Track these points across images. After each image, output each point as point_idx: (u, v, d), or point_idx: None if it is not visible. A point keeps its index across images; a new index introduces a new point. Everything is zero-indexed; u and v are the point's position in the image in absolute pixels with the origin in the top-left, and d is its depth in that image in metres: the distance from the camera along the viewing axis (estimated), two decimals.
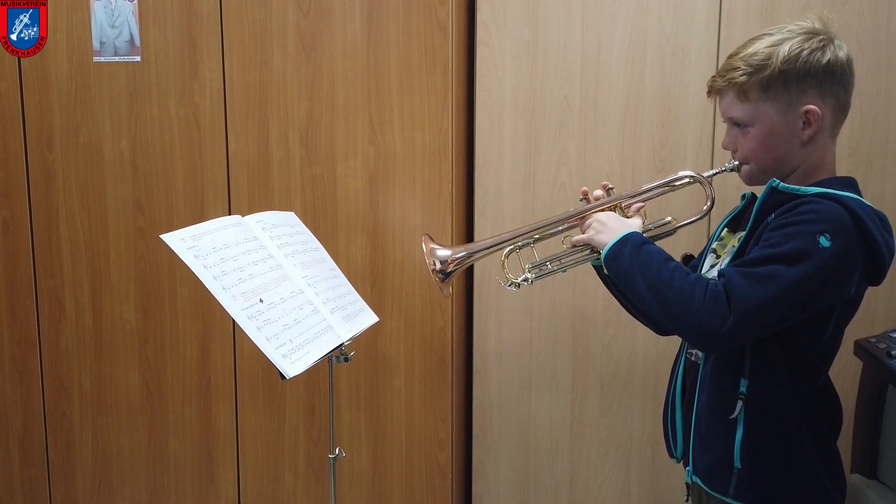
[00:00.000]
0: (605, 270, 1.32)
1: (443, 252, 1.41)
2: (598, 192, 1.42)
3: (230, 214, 1.92)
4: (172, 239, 1.23)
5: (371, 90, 1.96)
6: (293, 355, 1.25)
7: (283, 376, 1.20)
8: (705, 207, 1.38)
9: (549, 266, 1.42)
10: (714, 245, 1.38)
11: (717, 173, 1.36)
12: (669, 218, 1.44)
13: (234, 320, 2.08)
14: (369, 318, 1.60)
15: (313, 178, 2.02)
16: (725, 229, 1.38)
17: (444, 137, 1.95)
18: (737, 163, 1.31)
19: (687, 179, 1.38)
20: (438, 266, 1.41)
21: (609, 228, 1.32)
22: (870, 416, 1.42)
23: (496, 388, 2.15)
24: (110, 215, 2.14)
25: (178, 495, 2.22)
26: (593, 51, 1.98)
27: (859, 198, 1.20)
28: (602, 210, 1.38)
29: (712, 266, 1.36)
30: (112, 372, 2.20)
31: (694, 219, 1.41)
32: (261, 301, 1.29)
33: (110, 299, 2.17)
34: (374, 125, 1.97)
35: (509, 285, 1.40)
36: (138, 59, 2.06)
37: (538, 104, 2.02)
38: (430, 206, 1.99)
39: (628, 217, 1.38)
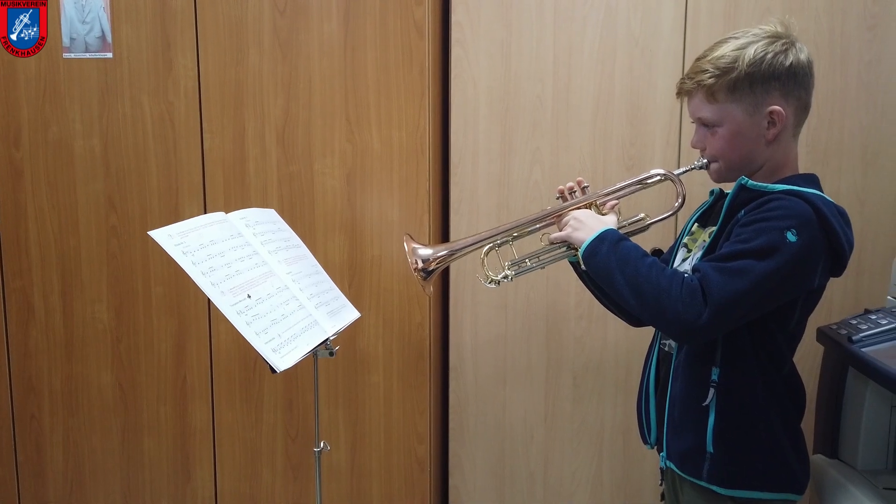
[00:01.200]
0: (583, 266, 1.37)
1: (425, 251, 1.44)
2: (570, 184, 1.47)
3: (205, 213, 1.92)
4: (161, 235, 1.24)
5: (348, 89, 1.98)
6: (282, 350, 1.26)
7: (273, 370, 1.22)
8: (676, 204, 1.44)
9: (528, 263, 1.46)
10: (685, 240, 1.44)
11: (687, 171, 1.42)
12: (643, 214, 1.50)
13: (209, 318, 2.10)
14: (352, 313, 1.63)
15: (290, 176, 2.03)
16: (696, 224, 1.44)
17: (422, 136, 1.98)
18: (705, 161, 1.37)
19: (659, 177, 1.44)
20: (420, 265, 1.44)
21: (586, 226, 1.36)
22: (831, 398, 1.50)
23: (472, 382, 2.19)
24: (81, 213, 2.11)
25: (154, 495, 2.20)
26: (565, 52, 2.03)
27: (822, 194, 1.27)
28: (578, 208, 1.43)
29: (684, 260, 1.42)
30: (84, 372, 2.17)
31: (666, 215, 1.47)
32: (249, 297, 1.30)
33: (81, 299, 2.14)
34: (351, 123, 1.99)
35: (490, 283, 1.44)
36: (110, 55, 2.04)
37: (512, 104, 2.07)
38: (407, 203, 2.02)
39: (603, 214, 1.43)
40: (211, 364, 2.14)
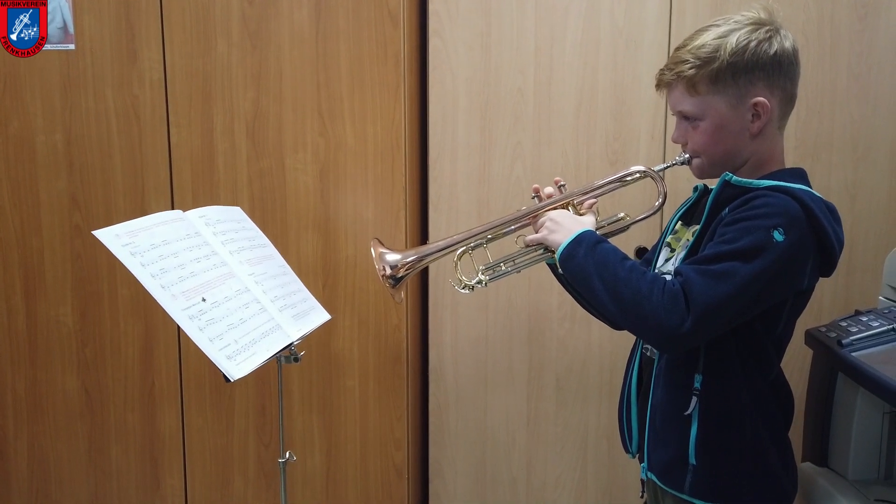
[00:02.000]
0: (560, 270, 1.30)
1: (392, 256, 1.36)
2: (549, 189, 1.40)
3: (173, 210, 1.84)
4: (106, 235, 1.16)
5: (320, 81, 1.90)
6: (238, 357, 1.19)
7: (227, 379, 1.14)
8: (657, 203, 1.37)
9: (503, 267, 1.39)
10: (668, 239, 1.37)
11: (667, 167, 1.35)
12: (622, 214, 1.43)
13: None
14: (320, 316, 1.55)
15: (261, 172, 1.95)
16: (679, 222, 1.37)
17: (397, 130, 1.90)
18: (687, 156, 1.30)
19: (639, 174, 1.37)
20: (388, 271, 1.36)
21: (563, 227, 1.29)
22: (820, 404, 1.43)
23: (452, 386, 2.12)
24: (44, 212, 2.02)
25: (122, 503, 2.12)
26: (546, 43, 1.96)
27: (810, 189, 1.20)
28: (555, 208, 1.36)
29: (667, 260, 1.35)
30: (48, 377, 2.09)
31: (647, 214, 1.40)
32: (203, 300, 1.22)
33: (45, 301, 2.06)
34: (323, 117, 1.91)
35: (463, 288, 1.37)
36: (72, 47, 1.95)
37: (492, 96, 2.00)
38: (383, 200, 1.94)
39: (581, 214, 1.36)
40: (180, 368, 2.06)
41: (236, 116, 1.93)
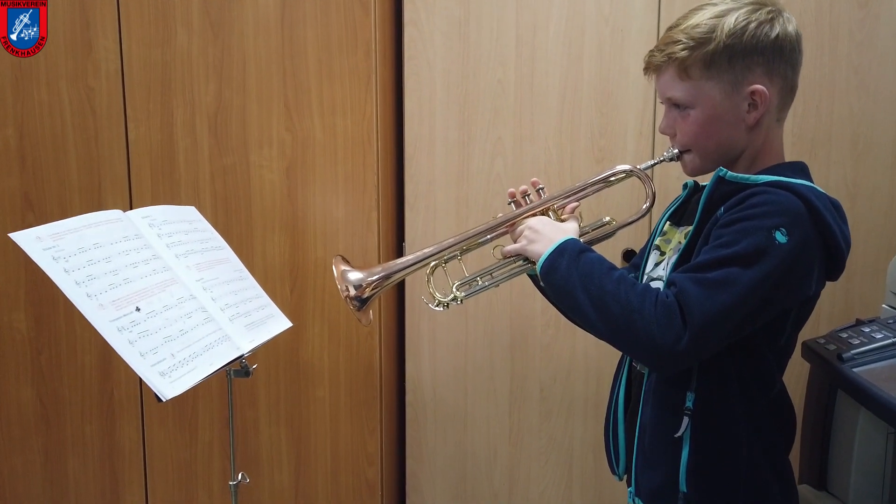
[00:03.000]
0: (542, 283, 1.18)
1: (356, 275, 1.24)
2: (523, 187, 1.27)
3: (132, 209, 1.72)
4: (25, 238, 1.04)
5: (287, 71, 1.78)
6: (174, 373, 1.07)
7: (159, 398, 1.02)
8: (645, 206, 1.25)
9: (480, 282, 1.27)
10: (657, 241, 1.26)
11: (655, 164, 1.23)
12: (608, 218, 1.31)
13: None
14: (279, 324, 1.43)
15: (224, 169, 1.83)
16: (668, 223, 1.26)
17: (368, 124, 1.79)
18: (676, 151, 1.18)
19: (624, 174, 1.25)
20: (353, 292, 1.23)
21: (543, 236, 1.17)
22: (818, 423, 1.32)
23: (430, 396, 2.01)
24: None
25: None
26: (528, 32, 1.84)
27: (813, 185, 1.09)
28: (533, 214, 1.24)
29: (657, 264, 1.24)
30: (3, 387, 1.97)
31: (634, 218, 1.28)
32: (137, 310, 1.10)
33: None
34: (290, 110, 1.80)
35: (437, 306, 1.25)
36: None
37: (471, 88, 1.88)
38: (353, 199, 1.82)
39: (563, 220, 1.24)
40: (140, 378, 1.93)
41: (197, 110, 1.81)
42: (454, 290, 1.25)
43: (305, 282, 1.86)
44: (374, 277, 1.24)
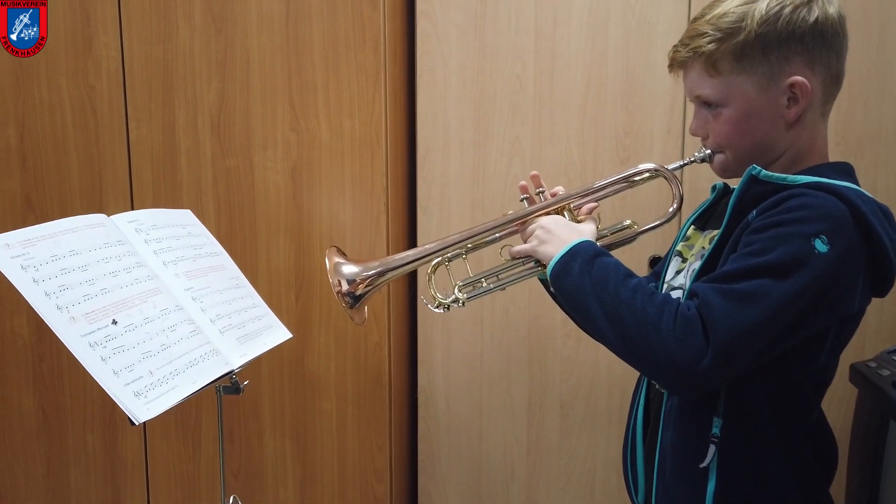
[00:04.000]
0: (552, 288, 1.07)
1: (350, 269, 1.15)
2: (533, 180, 1.17)
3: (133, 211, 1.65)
4: None
5: (291, 68, 1.69)
6: (151, 392, 0.98)
7: (132, 422, 0.94)
8: (672, 209, 1.14)
9: (485, 283, 1.17)
10: (679, 246, 1.14)
11: (684, 165, 1.12)
12: (629, 221, 1.20)
13: None
14: (276, 335, 1.34)
15: (227, 171, 1.75)
16: (692, 227, 1.14)
17: (377, 123, 1.69)
18: (708, 151, 1.07)
19: (648, 173, 1.14)
20: (345, 287, 1.14)
21: (555, 237, 1.07)
22: (868, 455, 1.18)
23: (443, 409, 1.90)
24: None
25: None
26: (549, 24, 1.73)
27: (858, 188, 0.96)
28: (547, 213, 1.13)
29: (678, 272, 1.12)
30: (4, 393, 1.92)
31: (659, 222, 1.16)
32: (114, 323, 1.02)
33: None
34: (295, 109, 1.71)
35: (437, 307, 1.15)
36: None
37: (487, 85, 1.77)
38: (361, 202, 1.73)
39: (579, 221, 1.14)
40: None
41: (200, 109, 1.74)
42: (456, 290, 1.15)
43: (311, 288, 1.77)
44: (370, 272, 1.15)
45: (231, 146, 1.74)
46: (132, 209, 1.80)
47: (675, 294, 1.07)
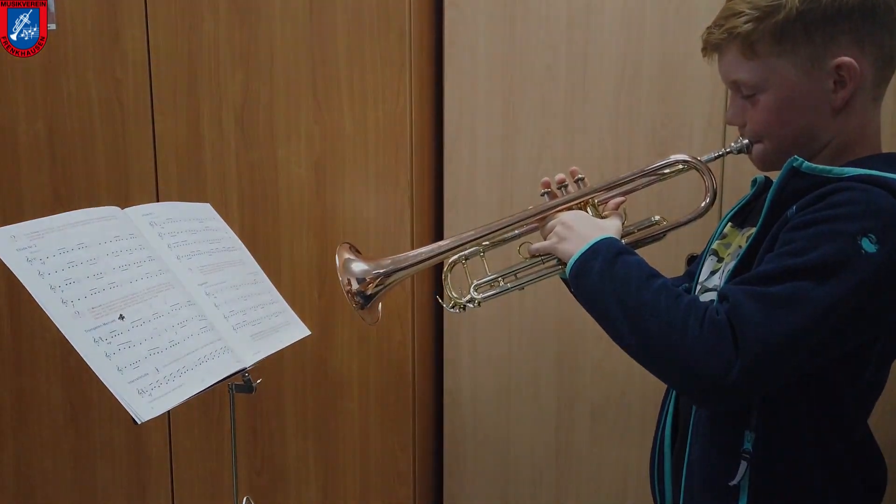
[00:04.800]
0: (572, 289, 1.01)
1: (360, 266, 1.10)
2: (560, 175, 1.11)
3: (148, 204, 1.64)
4: None
5: (315, 59, 1.66)
6: (155, 390, 0.95)
7: (135, 421, 0.91)
8: (704, 203, 1.06)
9: (502, 282, 1.11)
10: (714, 245, 1.06)
11: (719, 156, 1.04)
12: (657, 217, 1.12)
13: None
14: (294, 332, 1.30)
15: (251, 165, 1.73)
16: (729, 224, 1.06)
17: (402, 115, 1.64)
18: (746, 141, 0.99)
19: (680, 165, 1.06)
20: (355, 286, 1.10)
21: (576, 234, 1.00)
22: None
23: (470, 412, 1.84)
24: (26, 208, 1.86)
25: None
26: (582, 11, 1.66)
27: None
28: (569, 208, 1.07)
29: (713, 272, 1.04)
30: (34, 387, 1.93)
31: (690, 217, 1.08)
32: (121, 318, 0.99)
33: (29, 305, 1.88)
34: (319, 101, 1.67)
35: (452, 307, 1.10)
36: (54, 26, 1.78)
37: (517, 76, 1.71)
38: (386, 196, 1.68)
39: (603, 217, 1.07)
40: None
41: (224, 101, 1.71)
42: (472, 290, 1.10)
43: (334, 285, 1.73)
44: (381, 270, 1.10)
45: (255, 139, 1.71)
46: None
47: (709, 296, 0.99)
